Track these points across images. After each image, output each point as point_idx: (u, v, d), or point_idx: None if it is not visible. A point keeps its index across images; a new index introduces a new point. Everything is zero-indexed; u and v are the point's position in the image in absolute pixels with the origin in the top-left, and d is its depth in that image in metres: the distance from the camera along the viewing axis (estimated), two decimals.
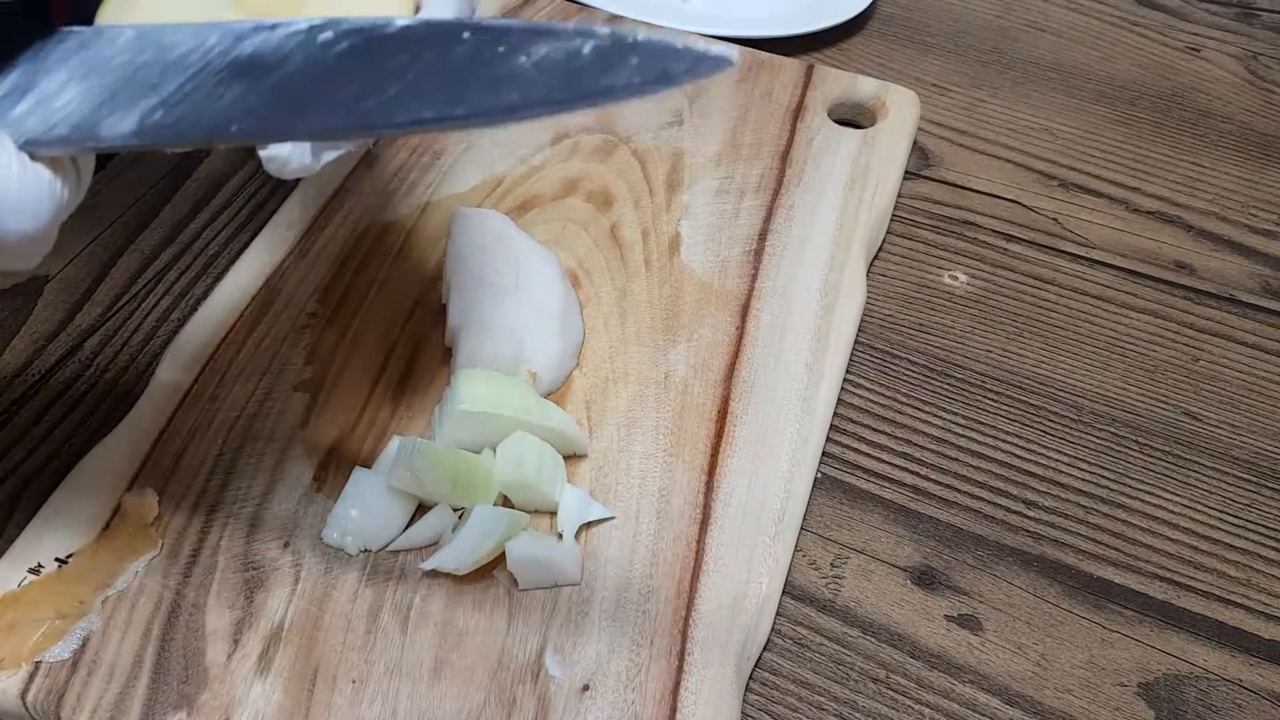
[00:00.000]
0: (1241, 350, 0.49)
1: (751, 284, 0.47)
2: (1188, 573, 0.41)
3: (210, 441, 0.40)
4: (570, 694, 0.34)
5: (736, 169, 0.52)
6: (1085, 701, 0.37)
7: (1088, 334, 0.49)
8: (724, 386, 0.43)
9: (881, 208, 0.51)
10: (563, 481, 0.39)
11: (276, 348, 0.44)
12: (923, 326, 0.49)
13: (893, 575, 0.40)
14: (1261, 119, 0.61)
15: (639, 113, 0.55)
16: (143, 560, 0.37)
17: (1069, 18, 0.69)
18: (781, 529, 0.39)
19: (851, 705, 0.37)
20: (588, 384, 0.43)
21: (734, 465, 0.40)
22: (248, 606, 0.36)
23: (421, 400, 0.42)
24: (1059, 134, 0.60)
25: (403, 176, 0.51)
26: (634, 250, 0.48)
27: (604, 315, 0.45)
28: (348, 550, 0.37)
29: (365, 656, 0.35)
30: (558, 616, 0.36)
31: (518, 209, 0.50)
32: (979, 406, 0.46)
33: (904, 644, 0.38)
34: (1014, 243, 0.53)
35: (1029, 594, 0.40)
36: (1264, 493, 0.43)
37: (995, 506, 0.42)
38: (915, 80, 0.63)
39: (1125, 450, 0.44)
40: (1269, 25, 0.69)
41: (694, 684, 0.34)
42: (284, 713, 0.33)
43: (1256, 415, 0.46)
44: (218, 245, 0.50)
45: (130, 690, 0.34)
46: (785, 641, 0.38)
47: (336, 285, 0.46)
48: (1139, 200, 0.56)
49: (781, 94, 0.56)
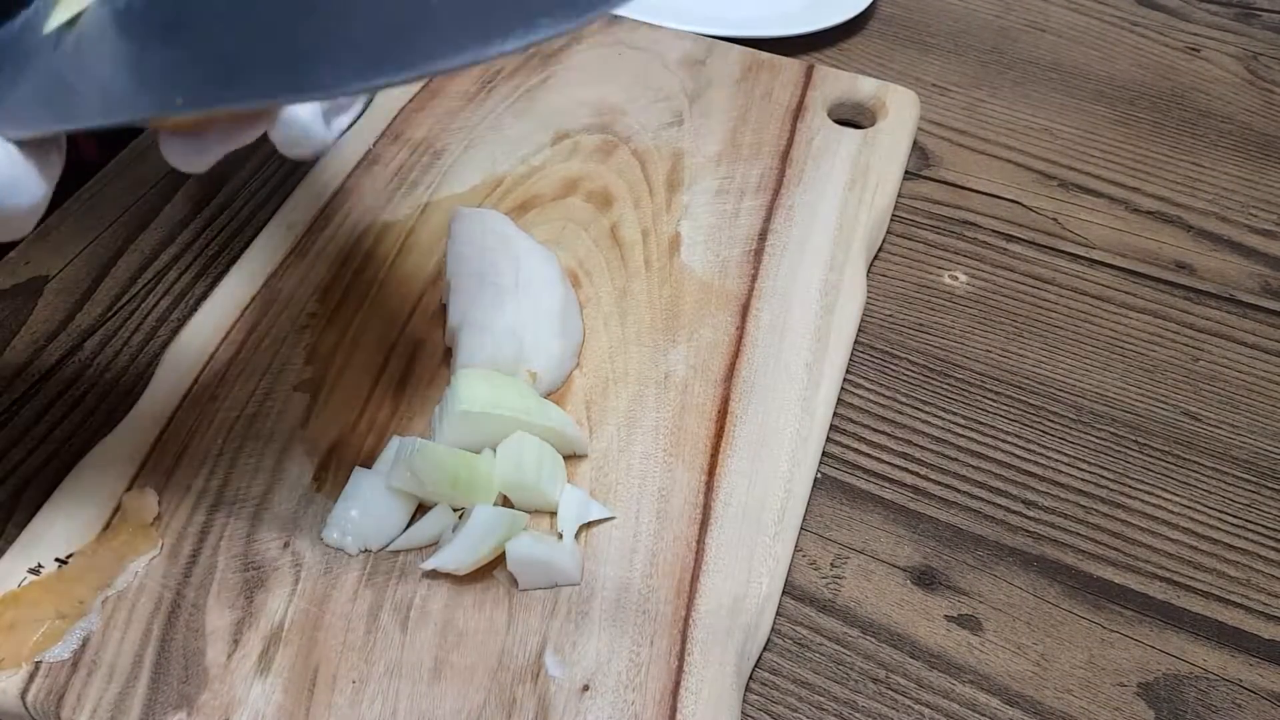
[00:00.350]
0: (1241, 350, 0.49)
1: (751, 284, 0.47)
2: (1188, 573, 0.41)
3: (210, 441, 0.40)
4: (570, 694, 0.34)
5: (736, 169, 0.52)
6: (1085, 701, 0.37)
7: (1088, 334, 0.49)
8: (724, 386, 0.43)
9: (881, 208, 0.51)
10: (563, 481, 0.39)
11: (276, 348, 0.44)
12: (923, 326, 0.49)
13: (893, 575, 0.40)
14: (1261, 119, 0.61)
15: (639, 113, 0.55)
16: (143, 560, 0.37)
17: (1069, 18, 0.69)
18: (781, 529, 0.39)
19: (851, 705, 0.37)
20: (588, 384, 0.43)
21: (734, 465, 0.40)
22: (248, 606, 0.36)
23: (421, 400, 0.42)
24: (1059, 134, 0.60)
25: (403, 176, 0.51)
26: (634, 250, 0.48)
27: (604, 315, 0.45)
28: (348, 550, 0.37)
29: (365, 656, 0.35)
30: (558, 616, 0.36)
31: (518, 209, 0.50)
32: (979, 406, 0.46)
33: (904, 644, 0.38)
34: (1014, 243, 0.53)
35: (1029, 594, 0.40)
36: (1264, 493, 0.43)
37: (995, 506, 0.42)
38: (915, 80, 0.63)
39: (1125, 450, 0.44)
40: (1269, 25, 0.69)
41: (694, 684, 0.34)
42: (284, 713, 0.33)
43: (1256, 415, 0.46)
44: (218, 245, 0.50)
45: (130, 690, 0.34)
46: (785, 641, 0.38)
47: (336, 285, 0.46)
48: (1139, 200, 0.56)
49: (781, 94, 0.56)
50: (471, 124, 0.54)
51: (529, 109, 0.55)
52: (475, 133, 0.54)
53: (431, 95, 0.55)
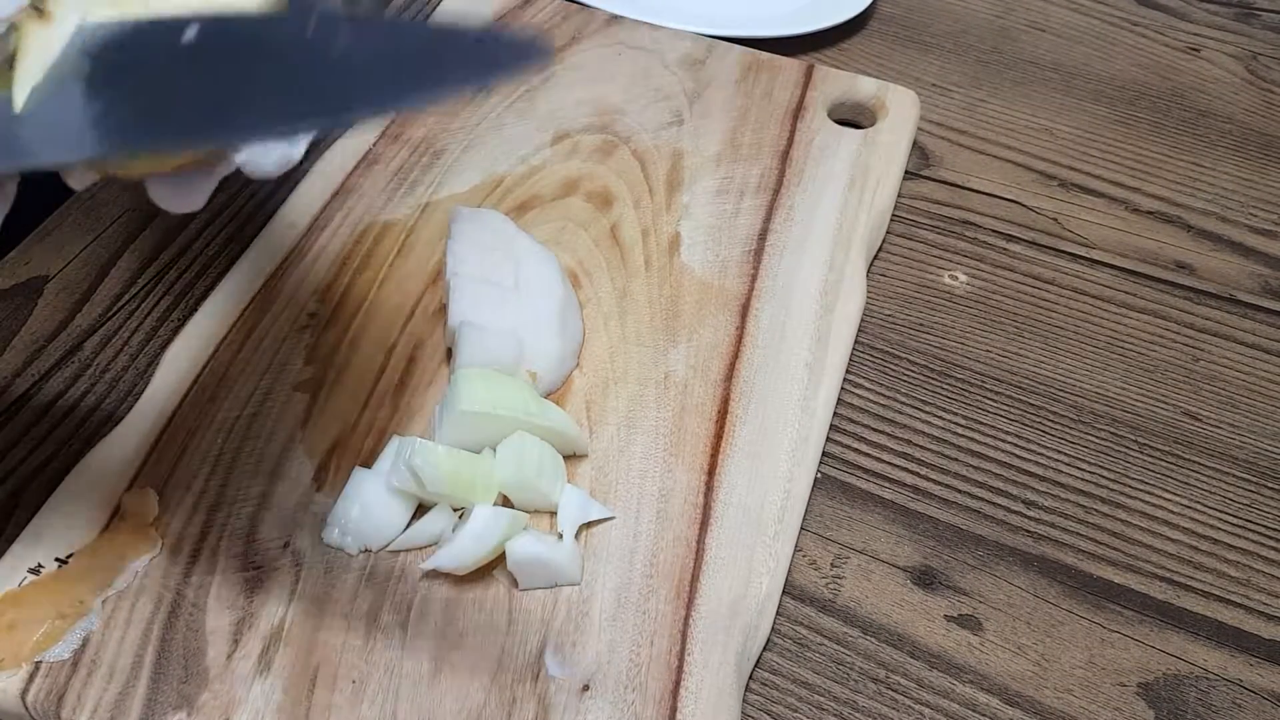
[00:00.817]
0: (1241, 350, 0.49)
1: (751, 284, 0.47)
2: (1188, 573, 0.41)
3: (210, 441, 0.40)
4: (570, 694, 0.34)
5: (736, 169, 0.52)
6: (1085, 701, 0.37)
7: (1088, 334, 0.49)
8: (724, 386, 0.43)
9: (881, 208, 0.51)
10: (563, 481, 0.39)
11: (276, 348, 0.44)
12: (923, 326, 0.49)
13: (893, 575, 0.40)
14: (1261, 119, 0.61)
15: (639, 113, 0.55)
16: (143, 560, 0.37)
17: (1069, 18, 0.69)
18: (781, 529, 0.39)
19: (851, 705, 0.37)
20: (588, 384, 0.43)
21: (734, 465, 0.40)
22: (248, 606, 0.36)
23: (421, 400, 0.42)
24: (1059, 134, 0.60)
25: (403, 176, 0.51)
26: (634, 250, 0.48)
27: (604, 315, 0.45)
28: (348, 550, 0.37)
29: (365, 656, 0.35)
30: (558, 616, 0.36)
31: (518, 209, 0.50)
32: (979, 406, 0.46)
33: (904, 644, 0.38)
34: (1014, 243, 0.53)
35: (1029, 594, 0.40)
36: (1264, 493, 0.43)
37: (995, 506, 0.42)
38: (915, 80, 0.63)
39: (1125, 450, 0.44)
40: (1269, 25, 0.69)
41: (694, 684, 0.34)
42: (284, 713, 0.33)
43: (1256, 415, 0.46)
44: (218, 245, 0.50)
45: (130, 690, 0.34)
46: (785, 641, 0.38)
47: (336, 285, 0.46)
48: (1139, 200, 0.56)
49: (781, 94, 0.56)
50: (471, 124, 0.54)
51: (529, 109, 0.55)
52: (475, 133, 0.54)
53: None
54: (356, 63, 0.24)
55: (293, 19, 0.26)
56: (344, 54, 0.24)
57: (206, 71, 0.25)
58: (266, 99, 0.24)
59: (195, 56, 0.26)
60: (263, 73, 0.25)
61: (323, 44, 0.24)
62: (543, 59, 0.22)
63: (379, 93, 0.23)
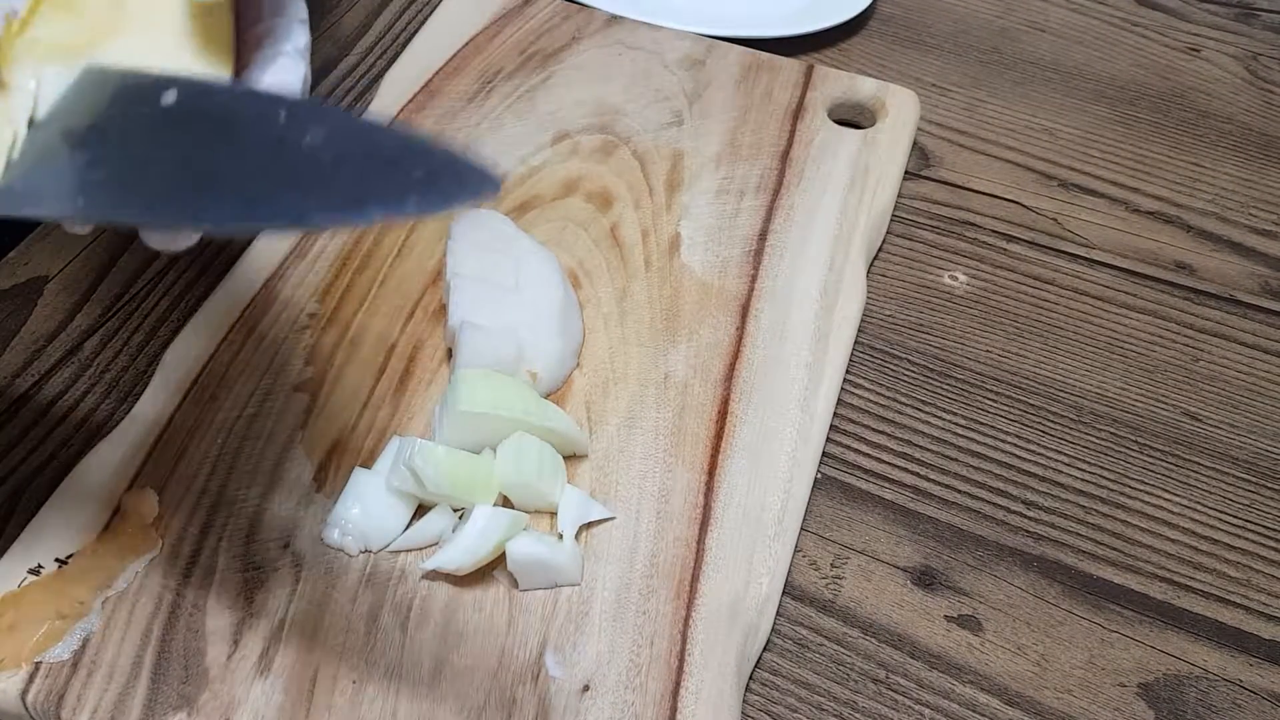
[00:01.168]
0: (1241, 350, 0.49)
1: (751, 284, 0.47)
2: (1188, 573, 0.41)
3: (210, 441, 0.40)
4: (570, 694, 0.34)
5: (736, 169, 0.52)
6: (1085, 702, 0.37)
7: (1088, 334, 0.49)
8: (724, 387, 0.43)
9: (881, 208, 0.51)
10: (563, 482, 0.39)
11: (276, 348, 0.44)
12: (923, 326, 0.49)
13: (893, 575, 0.40)
14: (1261, 119, 0.61)
15: (639, 113, 0.55)
16: (143, 560, 0.37)
17: (1069, 18, 0.69)
18: (781, 529, 0.39)
19: (851, 706, 0.37)
20: (588, 384, 0.43)
21: (734, 465, 0.40)
22: (248, 606, 0.36)
23: (421, 400, 0.42)
24: (1059, 134, 0.60)
25: None
26: (634, 250, 0.48)
27: (604, 315, 0.45)
28: (348, 550, 0.37)
29: (365, 657, 0.35)
30: (558, 616, 0.36)
31: (518, 209, 0.50)
32: (979, 406, 0.46)
33: (904, 644, 0.38)
34: (1014, 243, 0.53)
35: (1029, 594, 0.40)
36: (1264, 493, 0.43)
37: (995, 506, 0.42)
38: (915, 80, 0.63)
39: (1125, 450, 0.44)
40: (1269, 25, 0.69)
41: (694, 684, 0.34)
42: (284, 713, 0.33)
43: (1256, 415, 0.46)
44: (217, 245, 0.50)
45: (130, 690, 0.34)
46: (785, 642, 0.38)
47: (336, 285, 0.46)
48: (1139, 200, 0.56)
49: (781, 94, 0.56)
50: (471, 124, 0.54)
51: (529, 109, 0.55)
52: (475, 133, 0.54)
53: (431, 95, 0.55)
54: (320, 168, 0.24)
55: (266, 101, 0.27)
56: (309, 155, 0.24)
57: (180, 144, 0.26)
58: (231, 191, 0.24)
59: (174, 123, 0.26)
60: (231, 158, 0.25)
61: (293, 137, 0.25)
62: (493, 191, 0.23)
63: (334, 210, 0.23)
